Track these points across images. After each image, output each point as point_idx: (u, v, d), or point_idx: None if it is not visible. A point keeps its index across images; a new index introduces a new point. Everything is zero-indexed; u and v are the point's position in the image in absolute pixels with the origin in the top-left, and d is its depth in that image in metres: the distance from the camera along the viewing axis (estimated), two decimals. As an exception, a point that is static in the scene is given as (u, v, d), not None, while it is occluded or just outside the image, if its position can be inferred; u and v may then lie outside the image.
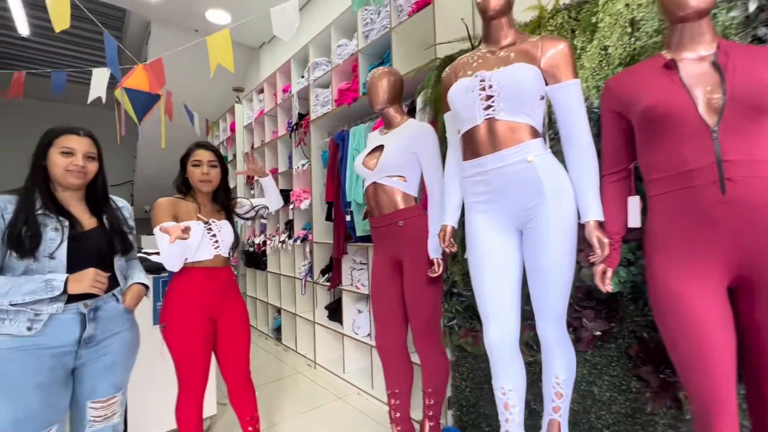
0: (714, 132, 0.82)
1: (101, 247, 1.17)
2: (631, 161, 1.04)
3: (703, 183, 0.83)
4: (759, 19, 0.94)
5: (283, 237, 3.50)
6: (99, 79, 2.71)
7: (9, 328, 1.02)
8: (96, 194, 1.21)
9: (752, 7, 0.93)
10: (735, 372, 0.85)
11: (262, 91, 4.01)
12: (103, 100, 2.67)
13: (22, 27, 4.27)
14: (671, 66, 0.91)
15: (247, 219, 1.72)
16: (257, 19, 2.67)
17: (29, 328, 1.03)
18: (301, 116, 3.22)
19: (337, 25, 2.77)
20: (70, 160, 1.11)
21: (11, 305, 1.00)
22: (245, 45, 4.84)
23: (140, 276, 1.28)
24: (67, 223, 1.10)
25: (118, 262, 1.22)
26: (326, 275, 3.00)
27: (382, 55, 2.49)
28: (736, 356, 0.85)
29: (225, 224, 1.55)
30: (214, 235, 1.50)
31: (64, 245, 1.08)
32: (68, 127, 1.15)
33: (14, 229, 1.02)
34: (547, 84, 1.11)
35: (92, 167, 1.16)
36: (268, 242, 3.74)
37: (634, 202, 1.00)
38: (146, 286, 1.28)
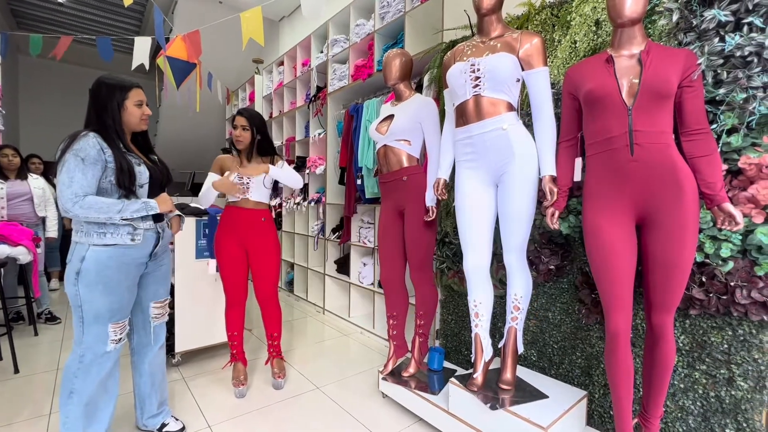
0: (630, 110, 1.16)
1: (162, 178, 1.47)
2: (579, 132, 1.37)
3: (619, 147, 1.17)
4: (679, 27, 1.26)
5: (298, 199, 3.88)
6: (141, 48, 3.02)
7: (114, 239, 1.32)
8: (145, 137, 1.49)
9: (675, 17, 1.24)
10: (632, 280, 1.21)
11: (281, 63, 4.29)
12: (146, 68, 2.99)
13: (58, -8, 4.53)
14: (610, 61, 1.23)
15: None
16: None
17: (132, 239, 1.35)
18: (319, 89, 3.52)
19: (356, 5, 3.04)
20: (142, 110, 1.40)
21: (122, 219, 1.30)
22: (266, 18, 5.06)
23: (175, 210, 1.62)
24: (142, 159, 1.39)
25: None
26: (337, 233, 3.40)
27: (395, 36, 2.77)
28: (634, 270, 1.21)
29: (257, 179, 1.96)
30: (244, 184, 1.94)
31: (149, 177, 1.40)
32: (133, 81, 1.39)
33: (119, 164, 1.29)
34: (523, 69, 1.44)
35: None
36: (284, 204, 4.12)
37: (578, 162, 1.34)
38: (182, 217, 1.65)
